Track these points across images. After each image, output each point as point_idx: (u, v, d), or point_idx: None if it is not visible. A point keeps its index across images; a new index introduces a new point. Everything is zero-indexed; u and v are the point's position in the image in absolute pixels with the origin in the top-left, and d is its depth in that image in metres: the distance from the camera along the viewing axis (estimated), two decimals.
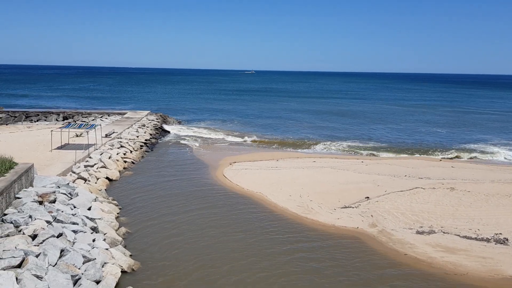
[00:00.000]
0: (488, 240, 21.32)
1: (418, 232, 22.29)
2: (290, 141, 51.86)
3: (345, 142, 51.26)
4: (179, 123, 65.80)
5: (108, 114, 62.34)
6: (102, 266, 16.48)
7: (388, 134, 58.99)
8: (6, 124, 56.45)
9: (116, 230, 21.03)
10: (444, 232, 22.25)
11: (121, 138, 43.28)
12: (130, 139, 43.53)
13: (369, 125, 68.73)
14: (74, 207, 21.63)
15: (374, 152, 45.80)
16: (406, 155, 44.36)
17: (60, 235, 17.42)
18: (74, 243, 17.48)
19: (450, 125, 70.00)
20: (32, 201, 20.02)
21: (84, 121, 57.86)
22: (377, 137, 55.96)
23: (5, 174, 20.69)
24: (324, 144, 49.69)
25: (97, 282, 15.46)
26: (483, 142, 53.95)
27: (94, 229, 19.80)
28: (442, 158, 43.48)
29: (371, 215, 24.60)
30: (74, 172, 29.21)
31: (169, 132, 56.37)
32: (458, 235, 21.88)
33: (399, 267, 18.70)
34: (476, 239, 21.48)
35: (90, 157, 33.40)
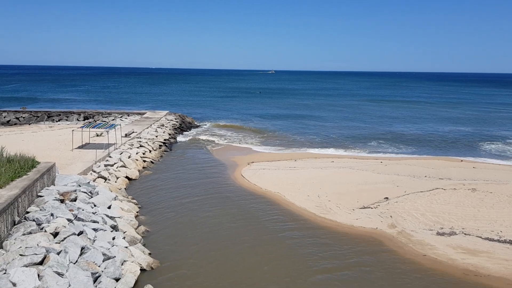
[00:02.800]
0: (511, 242, 20.88)
1: (438, 234, 21.96)
2: (308, 141, 51.68)
3: (363, 142, 50.87)
4: (197, 124, 66.13)
5: (128, 114, 63.08)
6: (122, 264, 16.67)
7: (408, 134, 58.26)
8: (29, 124, 57.62)
9: (136, 229, 21.26)
10: (465, 234, 21.88)
11: (140, 137, 43.74)
12: (149, 138, 43.95)
13: (387, 124, 68.04)
14: (95, 205, 21.95)
15: (393, 152, 45.32)
16: (426, 155, 43.75)
17: (80, 233, 17.69)
18: (94, 241, 17.73)
19: (471, 124, 68.77)
20: (54, 200, 20.40)
21: (104, 121, 58.63)
22: (396, 137, 55.32)
23: (28, 173, 21.12)
24: (342, 144, 49.36)
25: (117, 279, 15.64)
26: (504, 142, 52.89)
27: (114, 228, 20.05)
28: (463, 158, 42.72)
29: (390, 216, 24.34)
30: (94, 171, 29.62)
31: (187, 132, 56.73)
32: (480, 237, 21.49)
33: (418, 268, 18.44)
34: (498, 241, 21.06)
35: (110, 157, 33.83)
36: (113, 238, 18.57)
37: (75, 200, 21.67)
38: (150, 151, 39.61)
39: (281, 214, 24.84)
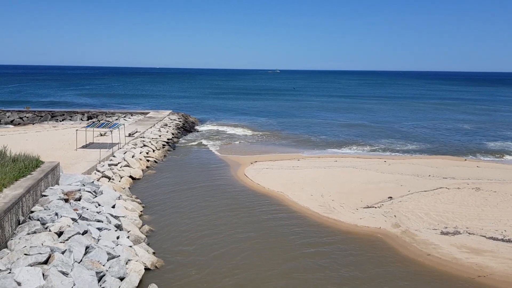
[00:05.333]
0: None
1: (442, 233, 21.92)
2: (312, 140, 51.66)
3: (366, 141, 50.79)
4: (201, 123, 66.17)
5: (131, 114, 63.20)
6: (126, 263, 16.71)
7: (411, 133, 58.15)
8: (33, 124, 57.80)
9: (140, 228, 21.31)
10: (469, 233, 21.83)
11: (144, 137, 43.80)
12: (152, 138, 44.01)
13: (390, 124, 67.88)
14: (99, 205, 22.00)
15: (397, 151, 45.23)
16: (430, 155, 43.64)
17: (85, 232, 17.74)
18: (98, 240, 17.77)
19: (474, 123, 68.55)
20: (58, 199, 20.45)
21: (108, 121, 58.74)
22: (400, 136, 55.22)
23: (32, 172, 21.19)
24: (345, 144, 49.31)
25: (121, 279, 15.68)
26: (507, 141, 52.71)
27: (118, 227, 20.08)
28: (466, 157, 42.60)
29: (394, 215, 24.30)
30: (98, 171, 29.69)
31: (191, 131, 56.77)
32: (484, 236, 21.43)
33: (423, 268, 18.42)
34: (502, 240, 21.00)
35: (114, 156, 33.89)
36: (118, 237, 18.61)
37: (79, 199, 21.73)
38: (153, 151, 39.67)
39: (284, 214, 24.83)
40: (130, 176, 31.22)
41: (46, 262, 14.86)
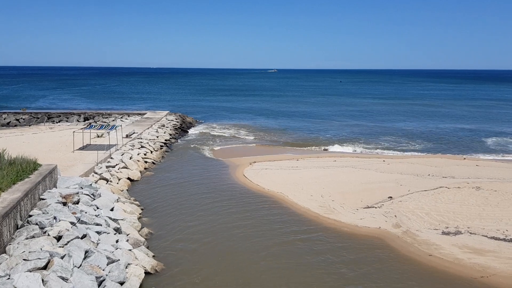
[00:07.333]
0: None
1: (444, 233, 21.81)
2: (310, 140, 51.55)
3: (365, 141, 50.71)
4: (198, 124, 65.94)
5: (128, 115, 62.88)
6: (126, 267, 16.50)
7: (409, 132, 58.11)
8: (29, 125, 57.43)
9: (139, 231, 21.10)
10: (471, 233, 21.72)
11: (141, 138, 43.55)
12: (150, 139, 43.77)
13: (388, 123, 67.88)
14: (97, 208, 21.76)
15: (396, 151, 45.16)
16: (429, 154, 43.58)
17: (84, 236, 17.52)
18: (98, 244, 17.56)
19: (472, 121, 68.60)
20: (56, 202, 20.21)
21: (105, 122, 58.38)
22: (398, 135, 55.19)
23: (30, 176, 20.94)
24: (344, 143, 49.19)
25: (121, 283, 15.46)
26: (505, 139, 52.75)
27: (117, 230, 19.87)
28: (465, 156, 42.54)
29: (395, 215, 24.17)
30: (96, 173, 29.44)
31: (188, 132, 56.55)
32: (486, 236, 21.32)
33: (425, 268, 18.28)
34: (504, 240, 20.90)
35: (111, 158, 33.62)
36: (117, 241, 18.39)
37: (77, 202, 21.47)
38: (151, 152, 39.43)
39: (284, 215, 24.67)
40: (128, 178, 30.98)
41: (45, 267, 14.62)
